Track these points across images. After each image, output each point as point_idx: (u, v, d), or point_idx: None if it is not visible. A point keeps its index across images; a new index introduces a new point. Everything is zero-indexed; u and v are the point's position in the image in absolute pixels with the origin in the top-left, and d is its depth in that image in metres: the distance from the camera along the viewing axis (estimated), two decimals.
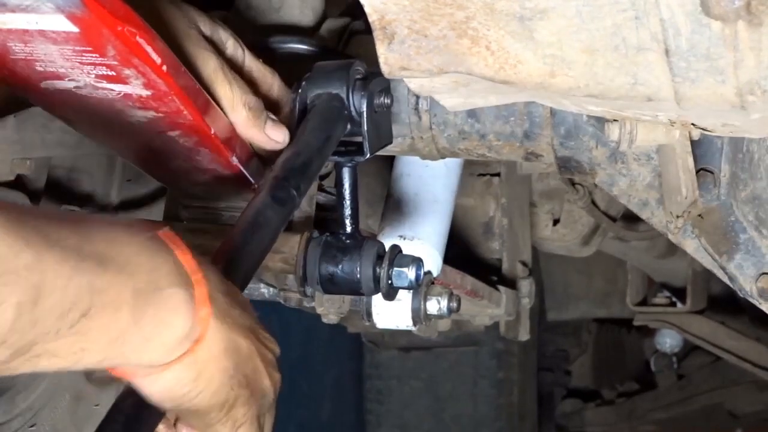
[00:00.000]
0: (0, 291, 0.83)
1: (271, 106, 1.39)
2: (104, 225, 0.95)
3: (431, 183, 1.80)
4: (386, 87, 1.39)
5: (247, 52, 1.40)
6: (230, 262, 1.13)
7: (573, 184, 2.02)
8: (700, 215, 1.50)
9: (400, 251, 1.44)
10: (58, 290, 0.86)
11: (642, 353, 4.65)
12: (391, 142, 1.45)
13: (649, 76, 1.03)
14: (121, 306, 0.91)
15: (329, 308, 1.67)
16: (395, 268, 1.41)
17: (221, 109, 1.31)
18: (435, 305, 1.63)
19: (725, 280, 1.50)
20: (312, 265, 1.40)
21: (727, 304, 3.59)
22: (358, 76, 1.38)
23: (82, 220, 0.94)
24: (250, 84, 1.37)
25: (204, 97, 1.27)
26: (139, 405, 1.00)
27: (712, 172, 1.51)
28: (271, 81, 1.41)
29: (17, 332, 0.85)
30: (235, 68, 1.36)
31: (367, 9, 1.06)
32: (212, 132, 1.29)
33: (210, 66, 1.30)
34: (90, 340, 0.90)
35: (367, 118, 1.36)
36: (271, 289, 1.65)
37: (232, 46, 1.38)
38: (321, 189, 1.73)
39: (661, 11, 0.97)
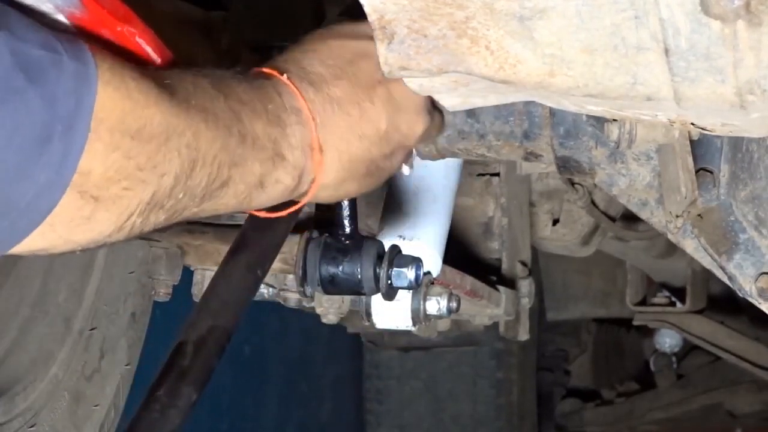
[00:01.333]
0: (164, 164, 0.96)
1: None
2: (247, 95, 1.08)
3: (431, 183, 1.80)
4: None
5: (244, 48, 1.41)
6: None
7: (572, 183, 2.02)
8: (699, 215, 1.50)
9: (400, 251, 1.44)
10: (207, 165, 1.00)
11: (641, 353, 4.65)
12: None
13: (648, 76, 1.03)
14: (252, 175, 1.06)
15: (329, 308, 1.67)
16: (395, 269, 1.41)
17: None
18: (434, 305, 1.63)
19: (725, 279, 1.50)
20: (312, 266, 1.40)
21: (726, 303, 3.59)
22: None
23: (230, 93, 1.06)
24: None
25: None
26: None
27: (711, 172, 1.51)
28: None
29: (173, 198, 0.99)
30: (233, 63, 1.36)
31: (366, 8, 1.06)
32: None
33: (208, 61, 1.31)
34: (225, 203, 1.06)
35: None
36: (271, 289, 1.65)
37: (227, 41, 1.39)
38: None
39: (660, 11, 0.97)
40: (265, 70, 1.13)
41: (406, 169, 1.36)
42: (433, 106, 1.30)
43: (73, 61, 0.89)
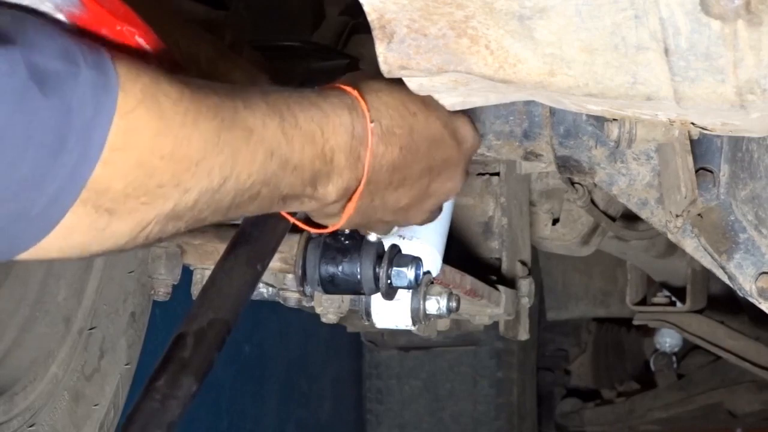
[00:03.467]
0: (189, 182, 0.95)
1: None
2: (309, 124, 1.07)
3: None
4: None
5: (246, 46, 1.41)
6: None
7: (572, 183, 2.01)
8: (699, 214, 1.50)
9: (400, 251, 1.44)
10: (240, 182, 1.00)
11: (641, 353, 4.65)
12: None
13: (648, 75, 1.03)
14: (279, 193, 1.06)
15: (328, 308, 1.66)
16: (394, 268, 1.41)
17: None
18: (434, 305, 1.63)
19: (725, 279, 1.50)
20: (312, 267, 1.40)
21: (726, 303, 3.59)
22: None
23: (288, 116, 1.05)
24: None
25: None
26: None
27: (711, 172, 1.51)
28: (268, 77, 1.42)
29: (195, 210, 0.98)
30: (235, 61, 1.36)
31: (366, 8, 1.06)
32: None
33: (211, 56, 1.31)
34: (249, 211, 1.06)
35: None
36: (270, 288, 1.64)
37: (230, 39, 1.39)
38: None
39: (660, 10, 0.97)
40: (357, 98, 1.14)
41: (372, 236, 1.39)
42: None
43: (91, 70, 0.89)
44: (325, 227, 1.23)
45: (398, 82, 1.18)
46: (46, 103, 0.85)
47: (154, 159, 0.92)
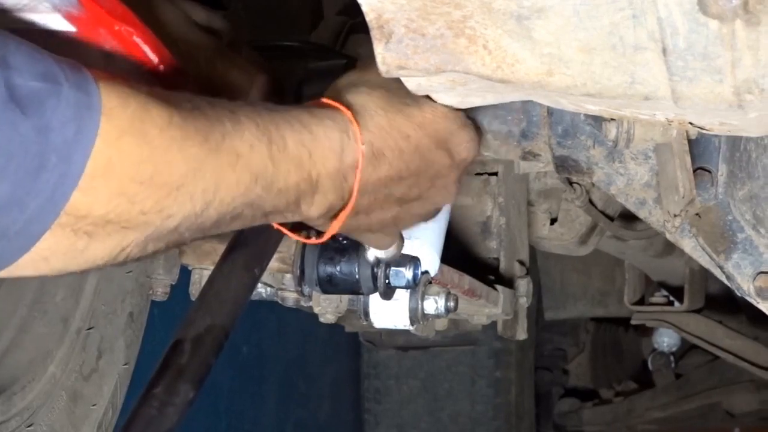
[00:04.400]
0: (172, 208, 0.95)
1: None
2: (298, 148, 1.07)
3: None
4: None
5: (245, 46, 1.41)
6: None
7: (570, 183, 2.01)
8: (697, 214, 1.50)
9: None
10: (223, 206, 1.00)
11: (640, 352, 4.65)
12: None
13: (646, 75, 1.03)
14: (261, 212, 1.06)
15: (326, 308, 1.66)
16: (393, 268, 1.41)
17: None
18: (432, 305, 1.63)
19: (722, 279, 1.50)
20: (310, 267, 1.40)
21: (724, 303, 3.59)
22: None
23: (277, 139, 1.05)
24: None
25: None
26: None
27: (709, 171, 1.51)
28: (266, 76, 1.42)
29: (176, 233, 0.98)
30: (234, 60, 1.36)
31: (364, 8, 1.06)
32: None
33: (209, 56, 1.31)
34: (230, 228, 1.06)
35: None
36: (269, 288, 1.64)
37: (229, 34, 1.39)
38: None
39: (658, 10, 0.97)
40: (350, 120, 1.13)
41: (370, 254, 1.38)
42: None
43: (73, 90, 0.89)
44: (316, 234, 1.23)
45: (394, 98, 1.18)
46: (27, 122, 0.85)
47: (134, 185, 0.92)
